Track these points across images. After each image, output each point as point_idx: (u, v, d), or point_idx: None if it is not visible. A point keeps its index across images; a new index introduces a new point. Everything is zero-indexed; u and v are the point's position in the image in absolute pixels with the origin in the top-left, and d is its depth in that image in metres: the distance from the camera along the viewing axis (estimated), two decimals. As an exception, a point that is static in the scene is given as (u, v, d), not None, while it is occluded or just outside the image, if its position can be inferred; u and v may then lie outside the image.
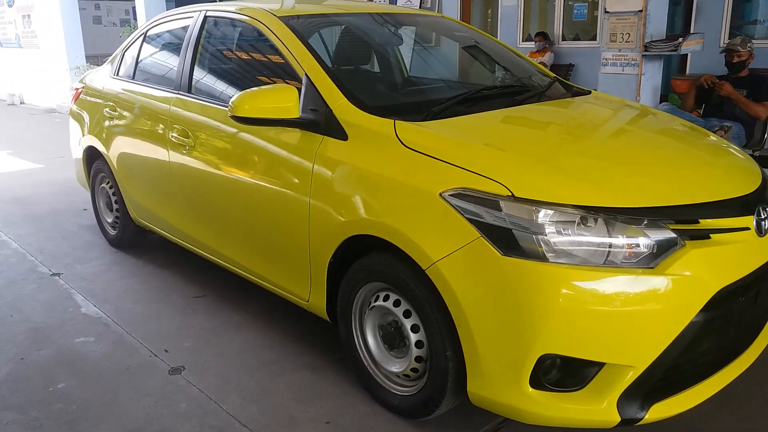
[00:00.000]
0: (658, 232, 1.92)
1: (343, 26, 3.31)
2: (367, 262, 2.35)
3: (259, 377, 2.69)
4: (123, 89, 3.90)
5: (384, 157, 2.25)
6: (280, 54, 2.82)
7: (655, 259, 1.90)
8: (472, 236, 1.96)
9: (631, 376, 1.90)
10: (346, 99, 2.47)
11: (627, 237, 1.91)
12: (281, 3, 3.30)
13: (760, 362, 2.27)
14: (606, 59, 4.86)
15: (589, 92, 3.14)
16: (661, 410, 1.96)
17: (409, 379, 2.34)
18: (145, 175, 3.66)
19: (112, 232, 4.36)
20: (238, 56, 3.28)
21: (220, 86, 3.21)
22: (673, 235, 1.92)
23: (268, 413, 2.44)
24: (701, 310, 1.90)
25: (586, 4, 10.10)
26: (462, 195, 2.01)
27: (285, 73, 2.87)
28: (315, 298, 2.62)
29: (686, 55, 6.99)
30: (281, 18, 2.90)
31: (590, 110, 2.92)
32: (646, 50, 4.61)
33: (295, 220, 2.57)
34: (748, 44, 4.63)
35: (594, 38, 10.16)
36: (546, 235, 1.89)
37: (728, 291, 1.96)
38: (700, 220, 1.99)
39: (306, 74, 2.60)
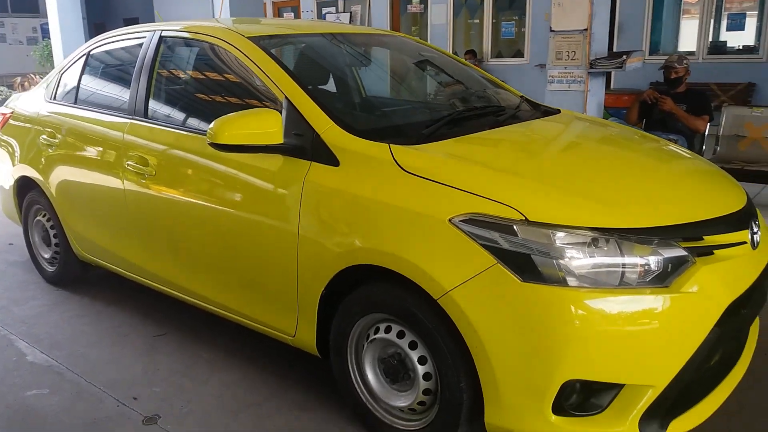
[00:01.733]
0: (670, 251, 1.92)
1: (310, 47, 3.20)
2: (366, 292, 2.24)
3: (245, 421, 2.51)
4: (63, 114, 3.61)
5: (383, 183, 2.15)
6: (253, 76, 2.68)
7: (668, 277, 1.90)
8: (488, 263, 1.89)
9: (650, 396, 1.89)
10: (333, 123, 2.36)
11: (640, 257, 1.90)
12: (240, 23, 3.16)
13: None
14: (552, 77, 4.98)
15: (558, 111, 3.17)
16: (678, 426, 1.96)
17: (415, 413, 2.24)
18: (94, 207, 3.39)
19: (49, 268, 4.02)
20: (201, 79, 3.10)
21: (185, 111, 3.02)
22: (685, 252, 1.93)
23: (263, 461, 2.27)
24: (715, 325, 1.92)
25: (513, 22, 10.44)
26: (473, 221, 1.94)
27: (257, 96, 2.74)
28: (303, 333, 2.48)
29: (610, 72, 7.32)
30: (251, 39, 2.76)
31: (577, 130, 2.94)
32: (592, 67, 4.76)
33: (280, 251, 2.42)
34: (684, 60, 4.87)
35: (521, 55, 10.52)
36: (565, 259, 1.86)
37: (735, 304, 1.99)
38: (704, 237, 2.02)
39: (287, 98, 2.47)
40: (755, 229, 2.21)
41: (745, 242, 2.12)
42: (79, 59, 3.74)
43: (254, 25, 3.14)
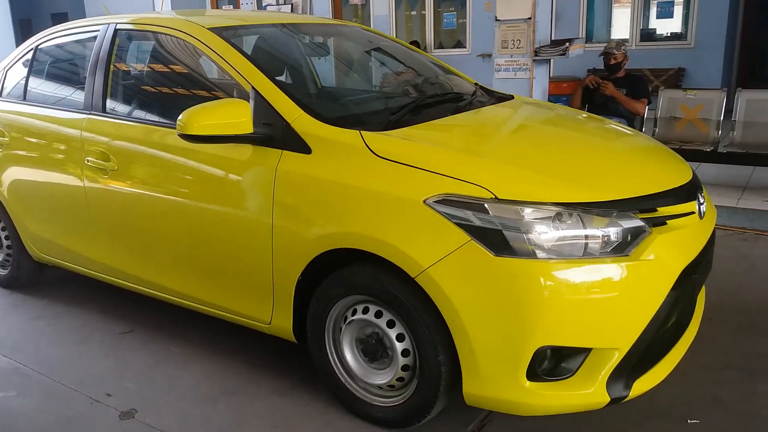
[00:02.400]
0: (628, 222, 2.06)
1: (268, 37, 3.22)
2: (343, 276, 2.30)
3: (224, 409, 2.54)
4: (11, 112, 3.51)
5: (357, 168, 2.22)
6: (216, 67, 2.69)
7: (628, 246, 2.04)
8: (462, 240, 1.99)
9: (616, 358, 2.03)
10: (303, 112, 2.41)
11: (601, 228, 2.03)
12: (195, 15, 3.15)
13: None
14: (499, 65, 5.14)
15: (512, 97, 3.30)
16: (641, 386, 2.11)
17: (394, 389, 2.33)
18: (51, 205, 3.32)
19: (1, 272, 3.90)
20: (161, 71, 3.08)
21: (147, 104, 3.00)
22: (642, 223, 2.08)
23: (247, 445, 2.32)
24: (671, 289, 2.07)
25: (454, 13, 10.61)
26: (446, 201, 2.04)
27: (220, 87, 2.75)
28: (279, 320, 2.52)
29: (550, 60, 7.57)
30: (212, 30, 2.77)
31: (534, 114, 3.07)
32: (536, 55, 4.94)
33: (254, 240, 2.46)
34: (623, 47, 5.11)
35: (462, 45, 10.71)
36: (533, 233, 1.97)
37: (687, 270, 2.15)
38: (658, 209, 2.18)
39: (254, 88, 2.49)
40: (701, 201, 2.39)
41: (693, 212, 2.29)
42: (25, 55, 3.64)
43: (211, 17, 3.13)
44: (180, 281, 2.84)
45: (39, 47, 3.58)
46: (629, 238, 2.05)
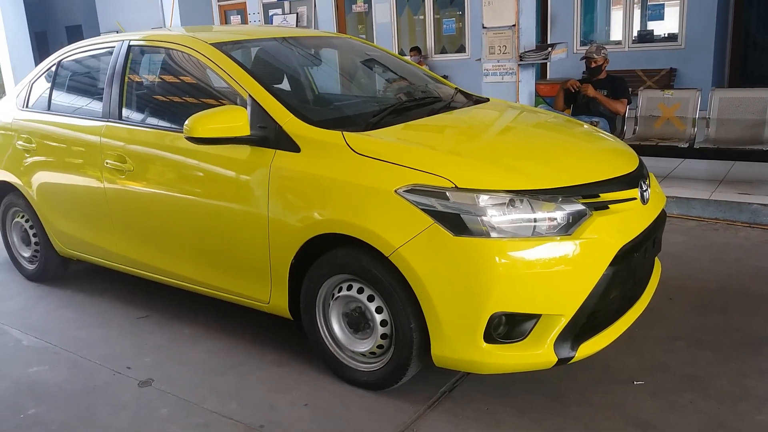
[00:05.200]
0: (571, 206, 2.40)
1: (266, 50, 3.58)
2: (330, 258, 2.65)
3: (230, 378, 2.90)
4: (38, 121, 3.90)
5: (339, 164, 2.57)
6: (217, 78, 3.05)
7: (571, 227, 2.38)
8: (427, 223, 2.34)
9: (562, 323, 2.36)
10: (293, 116, 2.77)
11: (548, 212, 2.37)
12: (200, 32, 3.52)
13: (648, 309, 2.81)
14: (487, 69, 5.47)
15: (488, 100, 3.64)
16: (586, 349, 2.44)
17: (375, 356, 2.67)
18: (75, 204, 3.69)
19: (29, 266, 4.29)
20: (170, 82, 3.45)
21: (158, 112, 3.37)
22: (583, 207, 2.41)
23: (249, 406, 2.66)
24: (610, 265, 2.40)
25: (454, 19, 10.96)
26: (414, 190, 2.38)
27: (221, 95, 3.12)
28: (276, 299, 2.88)
29: (545, 63, 7.88)
30: (214, 45, 3.14)
31: (501, 114, 3.42)
32: (521, 60, 5.27)
33: (252, 229, 2.81)
34: (602, 51, 5.43)
35: (462, 50, 11.05)
36: (487, 216, 2.31)
37: (627, 248, 2.48)
38: (600, 195, 2.51)
39: (250, 96, 2.86)
40: (644, 188, 2.71)
41: (634, 198, 2.62)
42: (48, 69, 4.03)
43: (214, 33, 3.50)
44: (190, 268, 3.20)
45: (61, 62, 3.97)
46: (572, 220, 2.38)
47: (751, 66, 9.72)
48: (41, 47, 18.53)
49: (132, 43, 3.51)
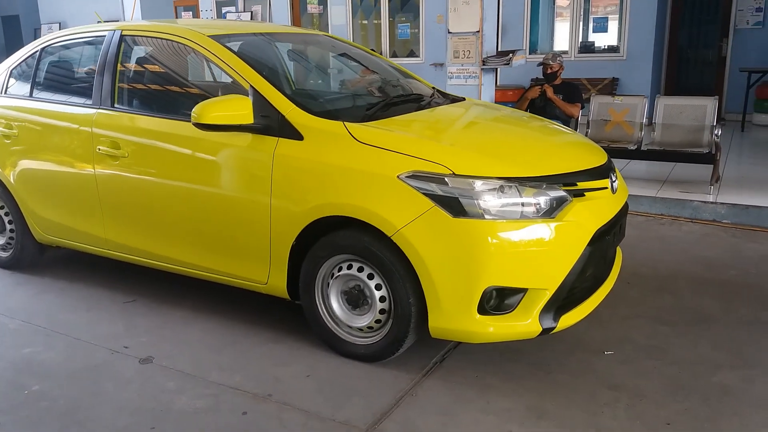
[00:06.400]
0: (554, 192, 2.67)
1: (256, 44, 3.73)
2: (331, 239, 2.84)
3: (230, 354, 3.04)
4: (18, 108, 3.90)
5: (342, 152, 2.77)
6: (218, 69, 3.19)
7: (554, 211, 2.65)
8: (428, 206, 2.56)
9: (546, 297, 2.63)
10: (295, 106, 2.94)
11: (533, 197, 2.64)
12: (189, 24, 3.64)
13: (609, 291, 3.10)
14: (451, 73, 5.76)
15: (464, 98, 3.90)
16: (566, 320, 2.72)
17: (372, 330, 2.87)
18: (61, 190, 3.72)
19: (2, 254, 4.26)
20: (164, 71, 3.55)
21: (155, 100, 3.47)
22: (564, 193, 2.70)
23: (253, 378, 2.82)
24: (587, 245, 2.69)
25: (408, 24, 11.26)
26: (415, 176, 2.61)
27: (218, 85, 3.26)
28: (275, 280, 3.03)
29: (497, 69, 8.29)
30: (212, 37, 3.27)
31: (483, 111, 3.69)
32: (484, 64, 5.58)
33: (255, 213, 2.96)
34: (558, 58, 5.82)
35: (414, 55, 11.37)
36: (482, 200, 2.56)
37: (601, 231, 2.77)
38: (577, 183, 2.80)
39: (252, 86, 3.01)
40: (613, 179, 3.03)
41: (606, 188, 2.93)
42: (30, 56, 4.04)
43: (207, 27, 3.61)
44: (185, 252, 3.31)
45: (45, 49, 3.99)
46: (555, 204, 2.66)
47: (684, 78, 10.44)
48: (-25, 37, 17.78)
49: (125, 33, 3.58)
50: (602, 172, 2.98)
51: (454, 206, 2.55)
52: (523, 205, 2.62)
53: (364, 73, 4.10)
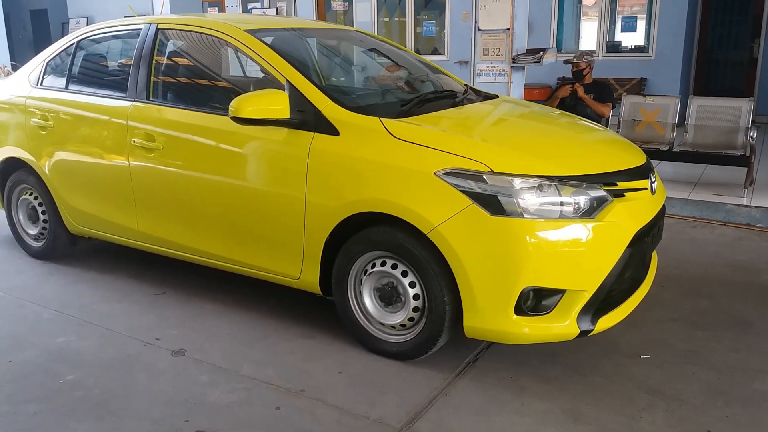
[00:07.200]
0: (594, 192, 2.63)
1: (290, 39, 3.72)
2: (366, 235, 2.82)
3: (261, 348, 3.03)
4: (54, 100, 3.93)
5: (379, 147, 2.75)
6: (254, 63, 3.19)
7: (594, 211, 2.61)
8: (465, 203, 2.54)
9: (585, 298, 2.59)
10: (331, 101, 2.93)
11: (573, 197, 2.60)
12: (225, 18, 3.64)
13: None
14: (480, 70, 5.71)
15: (497, 96, 3.87)
16: (604, 323, 2.68)
17: (405, 328, 2.85)
18: (95, 181, 3.75)
19: (35, 244, 4.31)
20: (200, 65, 3.56)
21: (191, 93, 3.48)
22: (605, 193, 2.65)
23: (284, 373, 2.81)
24: (627, 246, 2.64)
25: (433, 21, 11.21)
26: (453, 173, 2.58)
27: (252, 79, 3.25)
28: (307, 275, 3.02)
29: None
30: (248, 31, 3.27)
31: (518, 108, 3.66)
32: (514, 62, 5.53)
33: (289, 207, 2.95)
34: (585, 56, 5.75)
35: (437, 52, 11.32)
36: (521, 199, 2.52)
37: (640, 233, 2.72)
38: (617, 183, 2.75)
39: (288, 81, 3.00)
40: (653, 180, 2.98)
41: (646, 188, 2.87)
42: (63, 49, 4.07)
43: (242, 21, 3.61)
44: (217, 245, 3.31)
45: (80, 43, 4.02)
46: (595, 204, 2.62)
47: (713, 80, 10.28)
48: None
49: (161, 26, 3.60)
50: (642, 172, 2.93)
51: (492, 204, 2.52)
52: (562, 204, 2.58)
53: (394, 69, 4.08)
